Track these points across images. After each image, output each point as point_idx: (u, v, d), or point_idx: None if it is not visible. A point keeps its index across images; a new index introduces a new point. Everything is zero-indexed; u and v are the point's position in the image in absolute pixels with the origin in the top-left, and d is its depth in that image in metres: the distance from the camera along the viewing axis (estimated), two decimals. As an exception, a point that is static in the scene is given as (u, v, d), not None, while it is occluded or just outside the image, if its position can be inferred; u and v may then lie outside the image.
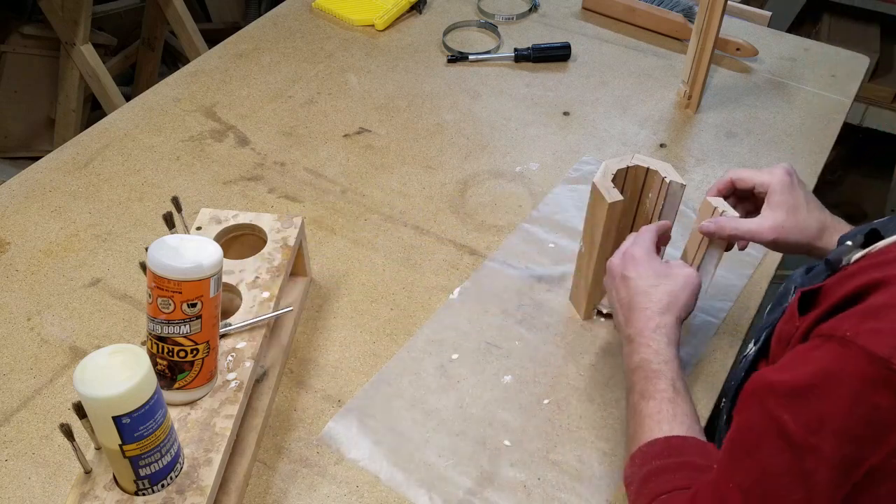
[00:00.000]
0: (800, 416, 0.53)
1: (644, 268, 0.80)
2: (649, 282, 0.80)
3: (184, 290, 0.75)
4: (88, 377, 0.65)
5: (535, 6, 1.57)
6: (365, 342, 0.98)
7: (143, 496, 0.72)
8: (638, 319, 0.79)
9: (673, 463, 0.69)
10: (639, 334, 0.78)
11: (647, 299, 0.79)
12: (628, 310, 0.80)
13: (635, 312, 0.79)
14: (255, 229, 0.97)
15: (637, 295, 0.79)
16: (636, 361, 0.78)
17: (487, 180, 1.21)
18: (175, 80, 1.39)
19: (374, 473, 0.85)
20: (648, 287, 0.79)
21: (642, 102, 1.36)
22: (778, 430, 0.54)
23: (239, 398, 0.80)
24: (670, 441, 0.71)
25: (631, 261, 0.81)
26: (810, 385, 0.53)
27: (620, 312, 0.81)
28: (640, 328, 0.78)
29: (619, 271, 0.82)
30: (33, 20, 2.19)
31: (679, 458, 0.69)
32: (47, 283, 1.04)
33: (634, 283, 0.80)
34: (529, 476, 0.85)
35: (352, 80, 1.40)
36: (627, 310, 0.80)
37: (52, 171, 1.20)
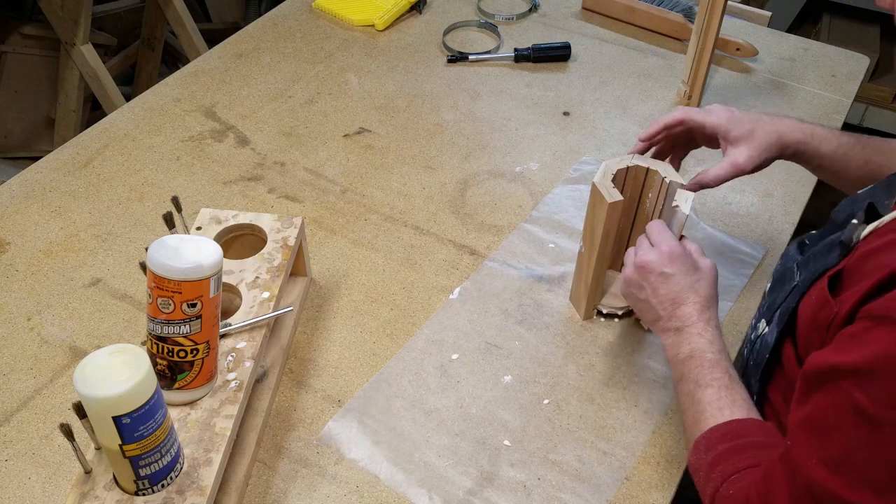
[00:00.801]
0: (872, 395, 0.56)
1: (681, 264, 0.83)
2: (692, 276, 0.82)
3: (184, 290, 0.75)
4: (88, 377, 0.65)
5: (535, 6, 1.57)
6: (365, 342, 0.98)
7: (143, 496, 0.72)
8: (687, 312, 0.80)
9: (739, 444, 0.71)
10: (689, 325, 0.80)
11: (695, 293, 0.81)
12: (672, 304, 0.81)
13: (683, 306, 0.81)
14: (255, 229, 0.97)
15: (683, 290, 0.81)
16: (687, 351, 0.79)
17: (487, 180, 1.21)
18: (175, 80, 1.39)
19: (374, 473, 0.85)
20: (692, 282, 0.82)
21: (642, 102, 1.36)
22: (854, 408, 0.57)
23: (239, 398, 0.80)
24: (732, 424, 0.73)
25: (668, 257, 0.83)
26: (877, 366, 0.56)
27: (661, 308, 0.82)
28: (691, 320, 0.80)
29: (657, 268, 0.83)
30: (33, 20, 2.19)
31: (744, 440, 0.71)
32: (47, 283, 1.04)
33: (677, 279, 0.82)
34: (529, 476, 0.85)
35: (352, 80, 1.40)
36: (671, 304, 0.81)
37: (52, 171, 1.20)
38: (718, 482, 0.69)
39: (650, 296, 0.83)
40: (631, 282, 0.86)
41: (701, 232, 1.12)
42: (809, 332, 0.73)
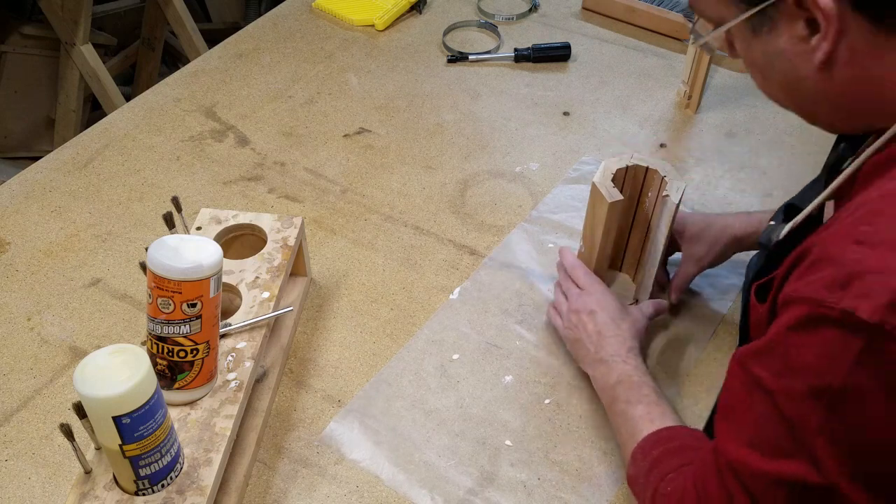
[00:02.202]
0: (769, 367, 0.60)
1: (607, 301, 0.91)
2: (616, 314, 0.90)
3: (184, 290, 0.75)
4: (88, 377, 0.65)
5: (535, 6, 1.57)
6: (365, 342, 0.98)
7: (143, 496, 0.72)
8: (611, 344, 0.88)
9: (672, 447, 0.75)
10: (614, 356, 0.87)
11: (617, 328, 0.89)
12: (599, 337, 0.89)
13: (607, 339, 0.88)
14: (255, 229, 0.97)
15: (607, 324, 0.89)
16: (615, 378, 0.85)
17: (487, 180, 1.21)
18: (175, 80, 1.39)
19: (376, 474, 0.85)
20: (616, 318, 0.90)
21: (642, 102, 1.36)
22: (757, 384, 0.61)
23: (239, 398, 0.80)
24: (663, 432, 0.78)
25: (595, 296, 0.92)
26: (772, 341, 0.61)
27: (589, 342, 0.89)
28: (614, 350, 0.87)
29: (585, 307, 0.91)
30: (33, 20, 2.19)
31: (676, 443, 0.76)
32: (47, 283, 1.04)
33: (601, 317, 0.90)
34: (530, 476, 0.85)
35: (352, 80, 1.40)
36: (598, 337, 0.89)
37: (52, 171, 1.20)
38: (656, 482, 0.72)
39: (581, 333, 0.90)
40: (568, 324, 0.93)
41: (701, 232, 1.12)
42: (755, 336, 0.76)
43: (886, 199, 0.58)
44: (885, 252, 0.54)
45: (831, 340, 0.55)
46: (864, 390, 0.55)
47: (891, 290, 0.53)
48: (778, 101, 0.70)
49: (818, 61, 0.61)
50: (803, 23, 0.61)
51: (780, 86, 0.68)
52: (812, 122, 0.71)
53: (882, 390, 0.54)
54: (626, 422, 0.81)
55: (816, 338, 0.56)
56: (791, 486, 0.59)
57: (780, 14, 0.62)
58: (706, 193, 1.18)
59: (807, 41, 0.61)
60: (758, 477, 0.61)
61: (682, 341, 0.99)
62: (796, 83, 0.65)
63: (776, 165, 1.24)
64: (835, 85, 0.63)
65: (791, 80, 0.65)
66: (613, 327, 0.89)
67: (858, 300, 0.54)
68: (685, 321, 1.01)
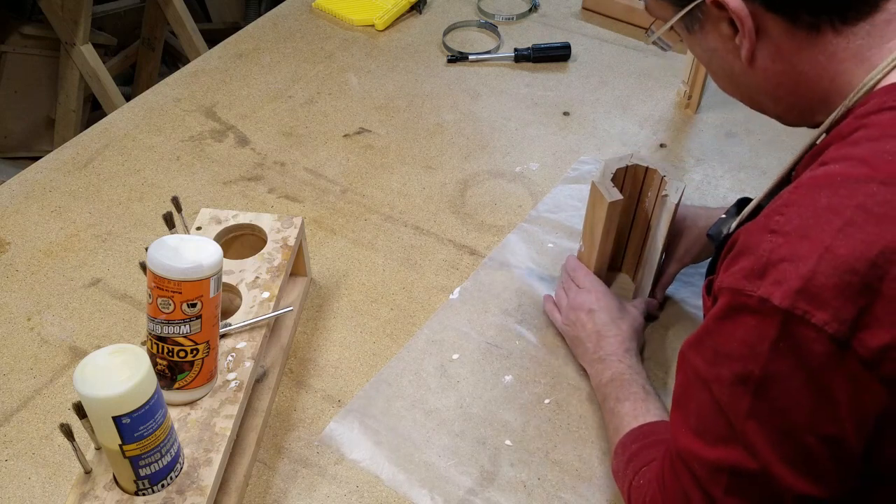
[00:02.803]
0: (703, 356, 0.62)
1: (607, 301, 0.93)
2: (615, 314, 0.92)
3: (184, 290, 0.75)
4: (88, 377, 0.65)
5: (535, 6, 1.57)
6: (365, 342, 0.98)
7: (143, 496, 0.72)
8: (610, 343, 0.89)
9: (648, 442, 0.77)
10: (611, 355, 0.88)
11: (616, 328, 0.90)
12: (597, 337, 0.90)
13: (606, 338, 0.90)
14: (255, 229, 0.97)
15: (606, 324, 0.91)
16: (608, 376, 0.87)
17: (487, 180, 1.21)
18: (175, 80, 1.39)
19: (376, 474, 0.85)
20: (615, 318, 0.91)
21: (642, 102, 1.36)
22: (695, 374, 0.63)
23: (239, 398, 0.80)
24: (644, 427, 0.80)
25: (595, 297, 0.93)
26: (705, 331, 0.63)
27: (588, 341, 0.91)
28: (612, 350, 0.89)
29: (585, 306, 0.92)
30: (33, 20, 2.19)
31: (652, 437, 0.78)
32: (47, 283, 1.04)
33: (600, 316, 0.91)
34: (530, 476, 0.85)
35: (352, 80, 1.40)
36: (596, 337, 0.90)
37: (52, 171, 1.20)
38: (632, 476, 0.75)
39: (580, 331, 0.92)
40: (567, 321, 0.94)
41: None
42: None
43: (798, 190, 0.60)
44: (795, 240, 0.56)
45: (750, 327, 0.58)
46: (783, 374, 0.57)
47: (800, 277, 0.55)
48: (728, 92, 0.75)
49: (744, 58, 0.67)
50: (727, 23, 0.66)
51: (723, 79, 0.74)
52: (762, 112, 0.75)
53: (800, 373, 0.56)
54: (614, 418, 0.84)
55: (738, 325, 0.59)
56: (731, 471, 0.60)
57: (706, 15, 0.68)
58: (706, 193, 1.18)
59: (732, 39, 0.67)
60: (702, 464, 0.62)
61: (682, 340, 0.98)
62: (734, 77, 0.71)
63: (776, 165, 1.24)
64: (767, 79, 0.69)
65: (729, 74, 0.72)
66: (613, 327, 0.90)
67: (773, 287, 0.56)
68: (685, 320, 1.01)
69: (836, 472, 0.58)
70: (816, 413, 0.56)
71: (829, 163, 0.61)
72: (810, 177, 0.61)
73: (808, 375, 0.56)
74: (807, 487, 0.58)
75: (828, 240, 0.55)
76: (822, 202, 0.57)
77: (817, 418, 0.57)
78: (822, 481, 0.58)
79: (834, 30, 0.63)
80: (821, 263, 0.55)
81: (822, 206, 0.57)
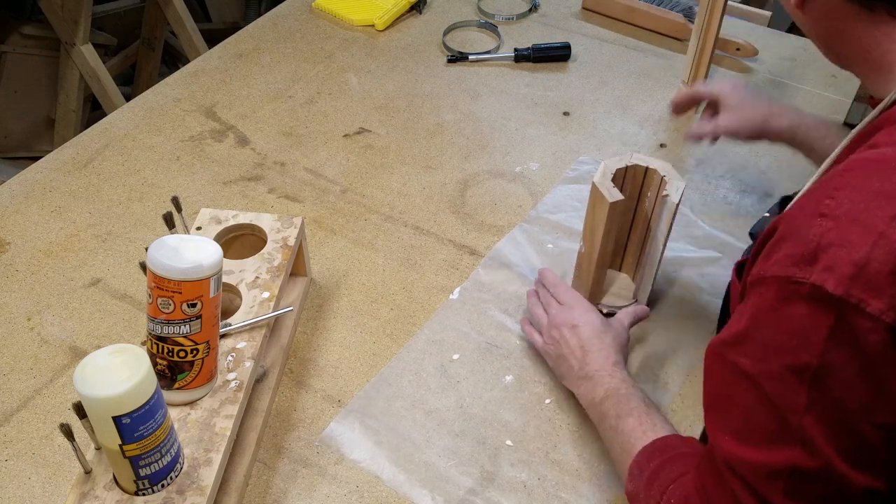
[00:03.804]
0: (749, 354, 0.60)
1: (589, 316, 0.90)
2: (599, 328, 0.88)
3: (184, 290, 0.75)
4: (88, 377, 0.65)
5: (535, 6, 1.57)
6: (365, 342, 0.98)
7: (143, 496, 0.72)
8: (596, 359, 0.86)
9: (668, 457, 0.73)
10: (598, 370, 0.85)
11: (601, 341, 0.87)
12: (583, 352, 0.87)
13: (591, 354, 0.86)
14: (255, 229, 0.97)
15: (590, 339, 0.87)
16: (601, 393, 0.83)
17: (487, 180, 1.21)
18: (175, 80, 1.39)
19: (376, 474, 0.85)
20: (599, 332, 0.88)
21: (642, 102, 1.36)
22: (740, 374, 0.60)
23: (239, 398, 0.80)
24: (657, 443, 0.76)
25: (577, 310, 0.90)
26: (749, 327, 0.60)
27: (572, 357, 0.88)
28: (599, 365, 0.85)
29: (567, 322, 0.89)
30: (33, 20, 2.19)
31: (672, 452, 0.74)
32: (47, 283, 1.04)
33: (584, 330, 0.88)
34: (530, 475, 0.85)
35: (352, 80, 1.40)
36: (582, 353, 0.87)
37: (52, 171, 1.20)
38: (658, 496, 0.71)
39: (563, 348, 0.89)
40: (549, 339, 0.91)
41: (699, 230, 1.12)
42: None
43: (850, 173, 0.59)
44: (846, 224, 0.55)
45: (804, 317, 0.56)
46: (839, 364, 0.55)
47: (852, 263, 0.53)
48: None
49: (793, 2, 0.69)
50: None
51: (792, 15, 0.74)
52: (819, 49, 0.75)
53: (856, 361, 0.54)
54: (618, 436, 0.79)
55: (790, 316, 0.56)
56: (789, 473, 0.58)
57: None
58: (706, 193, 1.18)
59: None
60: (755, 470, 0.60)
61: (682, 340, 0.99)
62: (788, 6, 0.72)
63: (776, 165, 1.24)
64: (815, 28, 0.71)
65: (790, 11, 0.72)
66: (597, 342, 0.87)
67: (826, 274, 0.54)
68: (684, 320, 1.01)
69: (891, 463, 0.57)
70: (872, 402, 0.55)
71: (880, 145, 0.59)
72: (862, 159, 0.59)
73: (863, 364, 0.54)
74: (866, 480, 0.56)
75: (881, 226, 0.53)
76: (874, 186, 0.56)
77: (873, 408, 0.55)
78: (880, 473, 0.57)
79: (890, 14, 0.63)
80: (875, 250, 0.53)
81: (875, 191, 0.55)
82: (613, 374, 0.84)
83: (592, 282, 0.96)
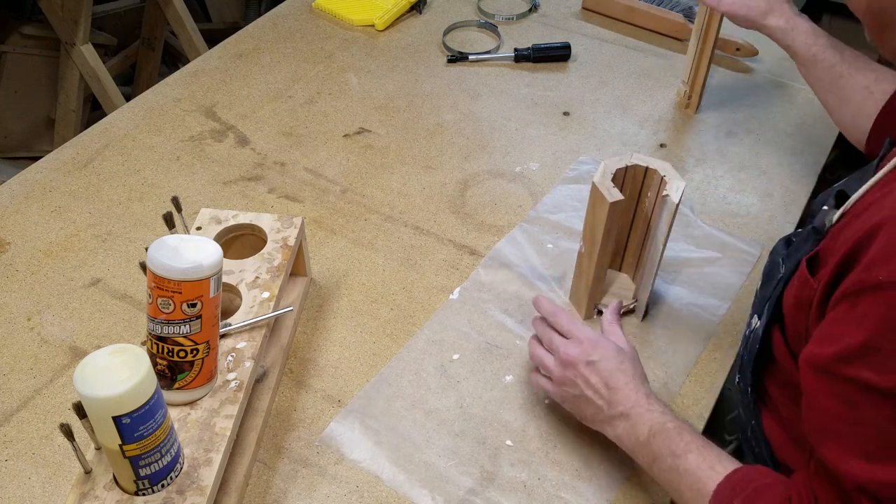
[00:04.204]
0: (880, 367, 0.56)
1: (603, 349, 0.81)
2: (617, 359, 0.81)
3: (184, 290, 0.75)
4: (88, 377, 0.65)
5: (535, 6, 1.57)
6: (365, 342, 0.98)
7: (143, 496, 0.72)
8: (626, 394, 0.78)
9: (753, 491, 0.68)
10: (635, 406, 0.78)
11: (624, 373, 0.80)
12: (609, 390, 0.79)
13: (619, 390, 0.79)
14: (255, 229, 0.97)
15: (612, 373, 0.80)
16: (647, 431, 0.76)
17: (487, 180, 1.21)
18: (175, 80, 1.39)
19: (376, 474, 0.85)
20: (618, 364, 0.80)
21: (642, 102, 1.36)
22: (868, 389, 0.57)
23: (239, 398, 0.80)
24: (734, 477, 0.70)
25: (589, 345, 0.81)
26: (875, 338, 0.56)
27: (597, 398, 0.80)
28: (632, 401, 0.78)
29: (582, 359, 0.81)
30: (33, 20, 2.19)
31: (755, 484, 0.69)
32: (47, 283, 1.04)
33: (604, 365, 0.80)
34: (530, 476, 0.85)
35: (352, 80, 1.40)
36: (608, 390, 0.79)
37: (52, 171, 1.20)
38: None
39: (584, 389, 0.80)
40: (562, 381, 0.82)
41: (699, 230, 1.12)
42: (794, 316, 0.75)
43: None
44: None
45: None
46: None
47: None
48: None
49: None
50: None
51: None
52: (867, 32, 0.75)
53: None
54: (684, 477, 0.73)
55: None
56: None
57: None
58: (706, 193, 1.18)
59: None
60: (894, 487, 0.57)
61: (682, 340, 0.99)
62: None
63: (776, 165, 1.24)
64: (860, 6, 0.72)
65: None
66: (621, 375, 0.79)
67: None
68: (685, 320, 1.01)
69: None
70: None
71: None
72: None
73: None
74: None
75: None
76: None
77: None
78: None
79: None
80: None
81: None
82: (651, 408, 0.77)
83: (592, 281, 0.96)
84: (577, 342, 0.82)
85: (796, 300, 0.73)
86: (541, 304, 0.88)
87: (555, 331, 0.85)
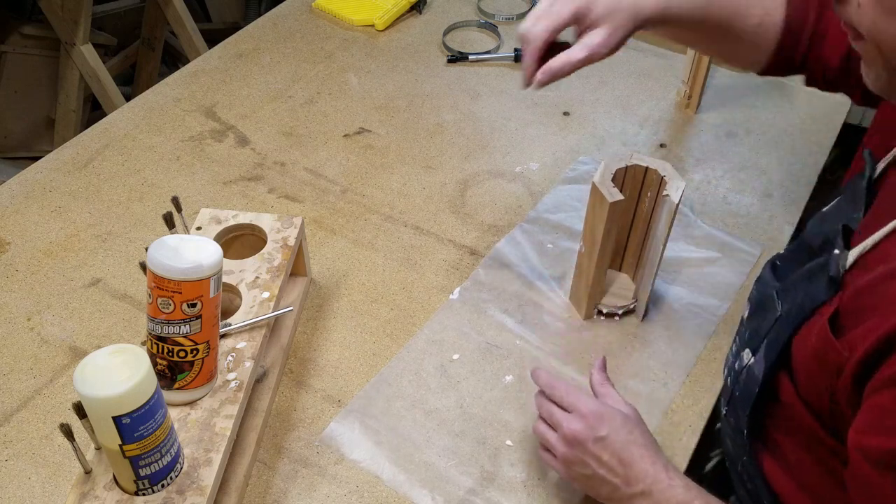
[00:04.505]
0: None
1: (610, 420, 0.75)
2: (625, 429, 0.75)
3: (184, 290, 0.75)
4: (88, 377, 0.65)
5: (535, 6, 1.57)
6: (365, 342, 0.98)
7: (143, 496, 0.72)
8: (643, 469, 0.73)
9: None
10: (655, 483, 0.72)
11: (636, 446, 0.74)
12: (623, 466, 0.74)
13: (634, 465, 0.73)
14: (255, 229, 0.97)
15: (625, 446, 0.74)
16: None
17: (487, 180, 1.21)
18: (175, 80, 1.39)
19: (376, 474, 0.85)
20: (627, 434, 0.75)
21: (642, 102, 1.36)
22: None
23: (239, 398, 0.80)
24: None
25: (594, 418, 0.75)
26: None
27: (612, 476, 0.74)
28: (652, 477, 0.73)
29: (589, 436, 0.74)
30: (33, 20, 2.19)
31: None
32: (47, 283, 1.04)
33: (613, 438, 0.74)
34: (530, 475, 0.85)
35: (352, 80, 1.40)
36: (623, 467, 0.74)
37: (52, 171, 1.20)
38: None
39: (596, 468, 0.75)
40: (570, 461, 0.76)
41: (699, 230, 1.12)
42: (813, 372, 0.70)
43: None
44: None
45: None
46: None
47: None
48: None
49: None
50: None
51: None
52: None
53: None
54: None
55: None
56: None
57: None
58: (706, 193, 1.18)
59: None
60: None
61: (682, 340, 0.99)
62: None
63: (776, 165, 1.24)
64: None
65: None
66: (634, 448, 0.74)
67: None
68: (685, 320, 1.01)
69: None
70: None
71: None
72: None
73: None
74: None
75: None
76: None
77: None
78: None
79: None
80: None
81: None
82: (672, 483, 0.72)
83: (592, 281, 0.96)
84: (580, 416, 0.76)
85: (816, 356, 0.69)
86: (538, 376, 0.82)
87: (554, 403, 0.79)
